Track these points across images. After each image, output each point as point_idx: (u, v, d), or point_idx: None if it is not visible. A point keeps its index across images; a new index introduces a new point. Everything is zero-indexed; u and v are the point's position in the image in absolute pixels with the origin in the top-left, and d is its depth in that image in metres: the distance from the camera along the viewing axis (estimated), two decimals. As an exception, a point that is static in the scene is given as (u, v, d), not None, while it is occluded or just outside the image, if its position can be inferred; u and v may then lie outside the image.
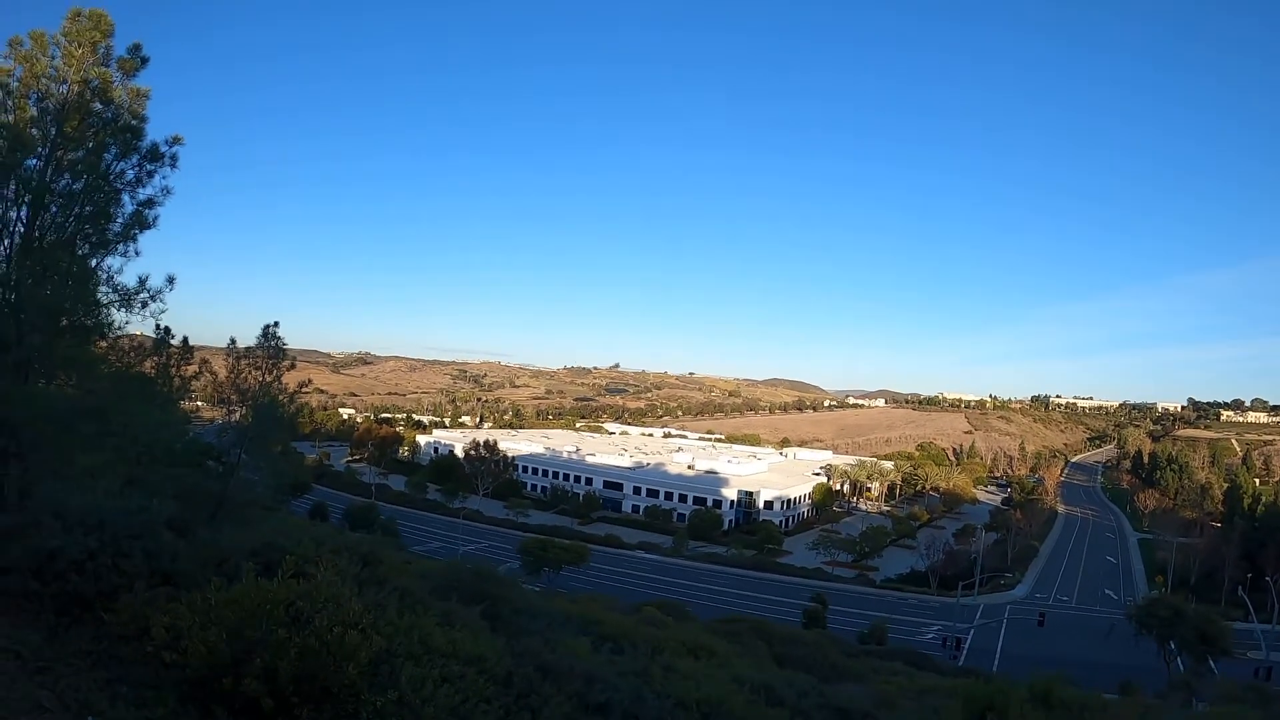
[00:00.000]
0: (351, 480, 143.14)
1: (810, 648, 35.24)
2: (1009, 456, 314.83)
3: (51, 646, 8.17)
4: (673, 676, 13.97)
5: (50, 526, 9.79)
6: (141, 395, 23.07)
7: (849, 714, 16.69)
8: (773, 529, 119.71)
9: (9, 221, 21.51)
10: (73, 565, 9.30)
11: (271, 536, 13.25)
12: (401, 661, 8.59)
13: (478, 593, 17.70)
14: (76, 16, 21.95)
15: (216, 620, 7.82)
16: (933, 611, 79.46)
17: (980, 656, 61.09)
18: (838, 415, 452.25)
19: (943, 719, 13.28)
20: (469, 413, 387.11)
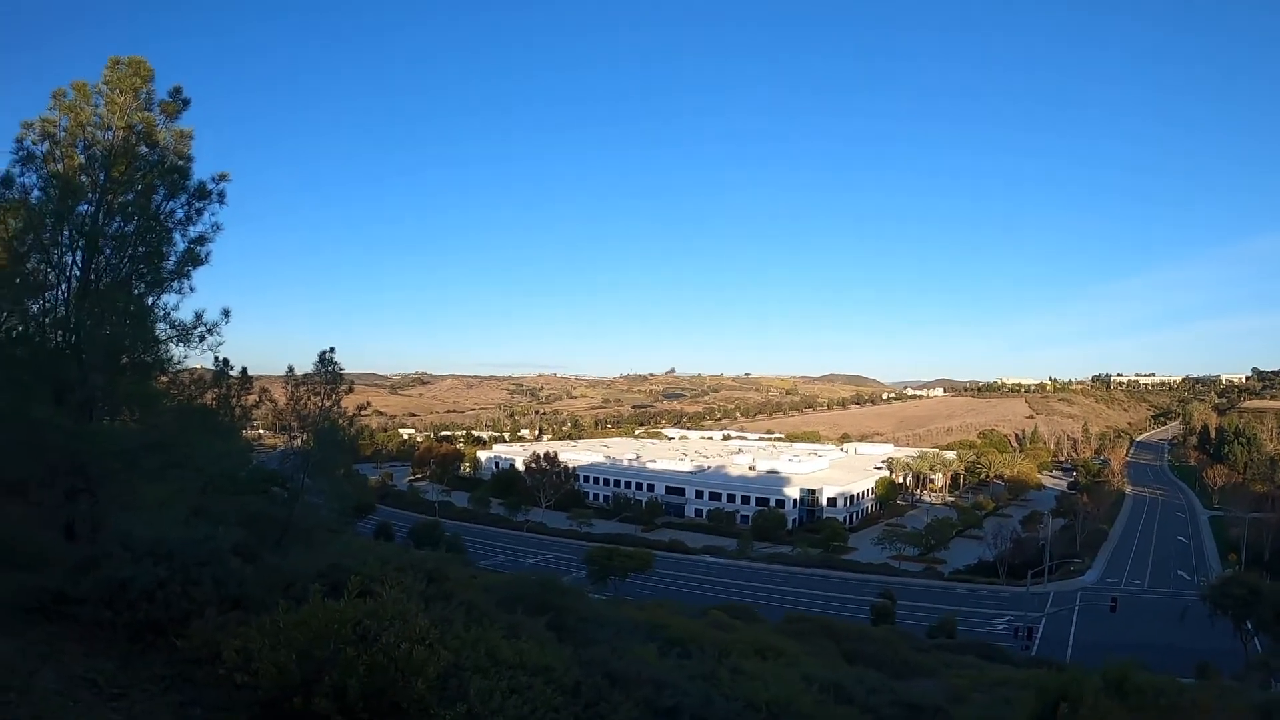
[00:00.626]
0: (415, 499, 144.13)
1: (879, 644, 34.76)
2: (1072, 439, 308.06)
3: (126, 673, 8.36)
4: (740, 678, 13.91)
5: (120, 557, 10.04)
6: (204, 427, 23.55)
7: (920, 710, 16.48)
8: (837, 526, 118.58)
9: (65, 266, 22.09)
10: (144, 594, 9.50)
11: (337, 558, 13.47)
12: (469, 674, 8.61)
13: (543, 603, 17.80)
14: (116, 65, 22.52)
15: (286, 641, 7.91)
16: (1003, 602, 77.90)
17: (1053, 646, 60.22)
18: (897, 407, 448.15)
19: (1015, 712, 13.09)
20: (527, 426, 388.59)
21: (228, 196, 23.55)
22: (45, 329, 22.29)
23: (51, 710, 6.92)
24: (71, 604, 9.49)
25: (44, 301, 22.31)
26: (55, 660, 8.16)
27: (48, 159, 21.61)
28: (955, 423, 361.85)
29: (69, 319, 21.76)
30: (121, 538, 10.70)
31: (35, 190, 21.57)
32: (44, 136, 21.65)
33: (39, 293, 22.20)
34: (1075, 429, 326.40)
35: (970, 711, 18.40)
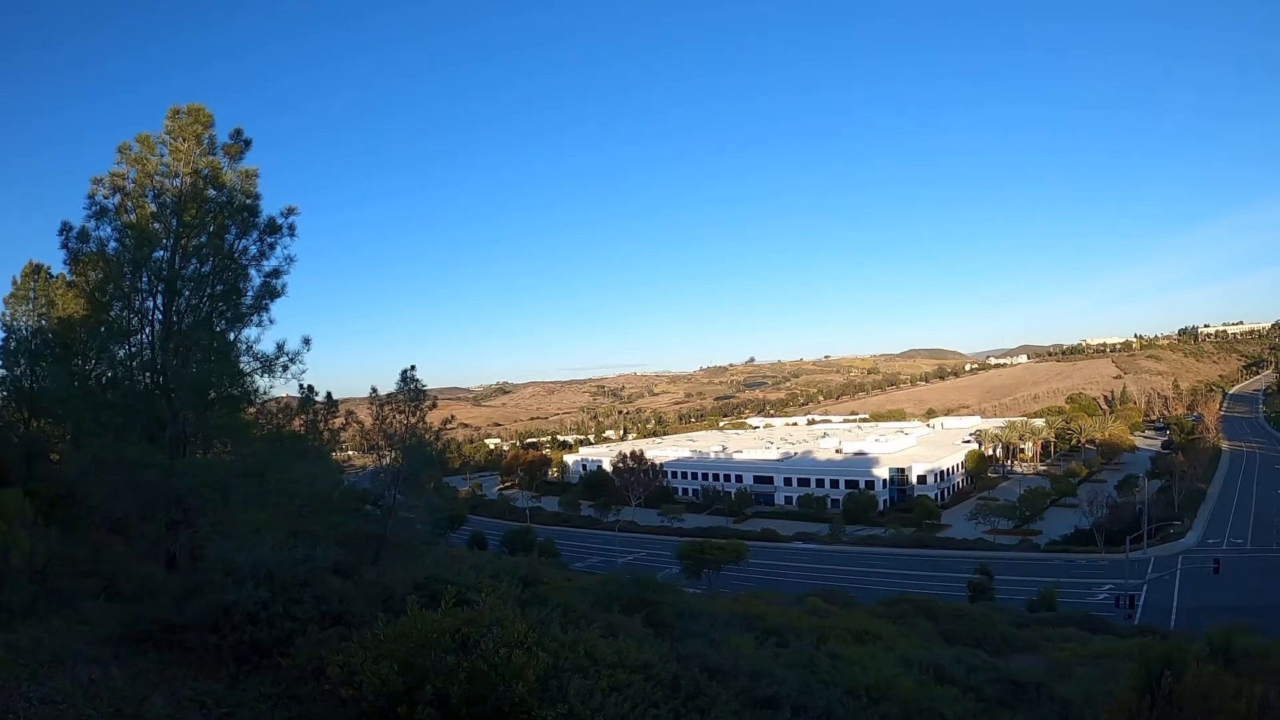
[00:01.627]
0: (505, 507, 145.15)
1: (978, 622, 34.21)
2: (1163, 397, 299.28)
3: (233, 693, 8.64)
4: (839, 664, 13.90)
5: (223, 583, 10.32)
6: (294, 452, 24.09)
7: (1023, 686, 16.23)
8: (928, 503, 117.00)
9: (147, 311, 22.76)
10: (247, 616, 9.79)
11: (433, 569, 13.64)
12: (569, 675, 8.64)
13: (638, 601, 17.85)
14: (176, 114, 23.10)
15: (387, 653, 8.08)
16: (1102, 570, 75.90)
17: (1155, 613, 58.26)
18: (981, 378, 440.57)
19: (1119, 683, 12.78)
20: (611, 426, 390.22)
21: (298, 229, 24.07)
22: (133, 372, 23.01)
23: None
24: (178, 631, 9.81)
25: (130, 346, 23.04)
26: (165, 686, 8.45)
27: (120, 210, 22.27)
28: (1041, 389, 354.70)
29: (155, 360, 22.41)
30: (223, 564, 10.98)
31: (111, 241, 22.28)
32: (114, 190, 22.32)
33: (124, 338, 22.92)
34: (1165, 386, 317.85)
35: (1074, 686, 18.07)
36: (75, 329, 25.94)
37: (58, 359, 26.79)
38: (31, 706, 7.19)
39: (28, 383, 29.34)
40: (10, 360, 29.84)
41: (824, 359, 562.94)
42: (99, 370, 24.31)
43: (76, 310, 27.92)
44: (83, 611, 11.72)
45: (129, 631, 10.11)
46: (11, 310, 31.78)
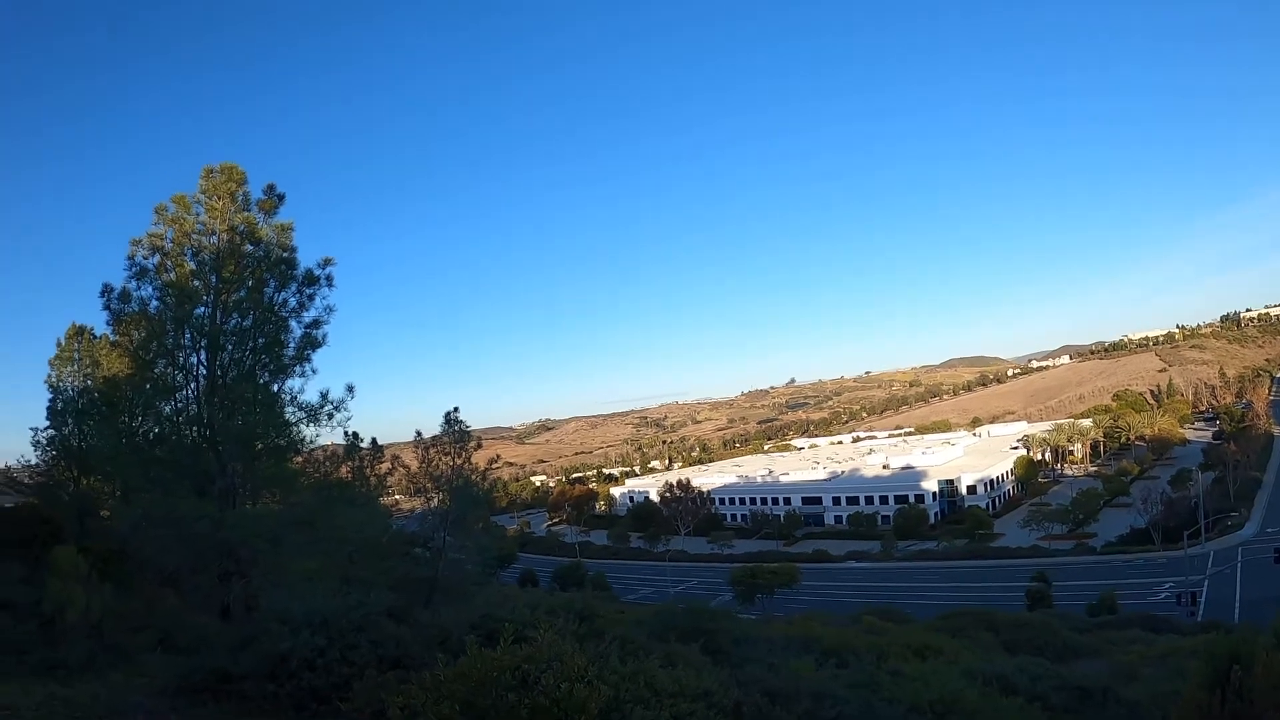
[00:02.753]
0: (554, 543, 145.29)
1: (1039, 629, 33.68)
2: (1210, 387, 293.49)
3: None
4: (901, 681, 13.74)
5: (279, 631, 10.37)
6: (342, 499, 24.21)
7: (1089, 692, 15.98)
8: (980, 513, 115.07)
9: (191, 366, 23.08)
10: (304, 663, 9.84)
11: (487, 608, 13.65)
12: (631, 707, 8.55)
13: (694, 629, 17.75)
14: (210, 174, 23.54)
15: (448, 694, 8.02)
16: (1162, 569, 73.95)
17: (1218, 608, 56.63)
18: (1024, 382, 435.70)
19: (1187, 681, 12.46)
20: (656, 457, 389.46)
21: (335, 279, 24.35)
22: (180, 427, 23.27)
23: None
24: (235, 680, 9.84)
25: (175, 402, 23.34)
26: None
27: (160, 270, 22.67)
28: (1086, 388, 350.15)
29: (201, 415, 22.67)
30: (278, 613, 11.03)
31: (153, 301, 22.67)
32: (153, 250, 22.73)
33: (169, 394, 23.21)
34: (1211, 375, 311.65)
35: (1140, 688, 17.71)
36: (120, 387, 26.34)
37: (105, 417, 27.16)
38: (91, 761, 7.15)
39: (76, 441, 29.77)
40: (58, 420, 30.30)
41: (865, 375, 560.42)
42: (146, 427, 24.60)
43: (121, 369, 28.34)
44: (139, 664, 11.79)
45: (186, 683, 10.14)
46: (57, 371, 32.26)
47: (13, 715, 8.24)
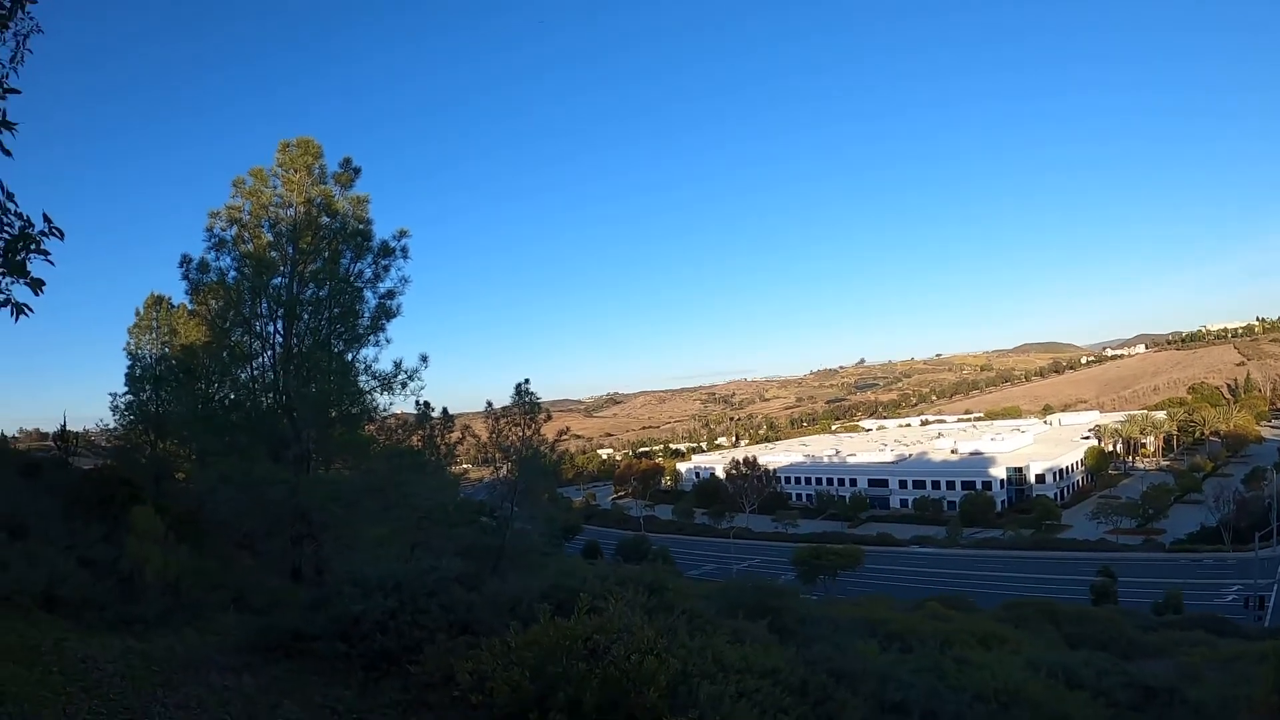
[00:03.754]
0: (619, 516, 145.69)
1: (1103, 625, 33.24)
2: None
3: (363, 700, 8.78)
4: (966, 669, 13.62)
5: (352, 593, 10.55)
6: (413, 467, 24.53)
7: (1154, 691, 15.71)
8: (1048, 503, 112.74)
9: (268, 335, 23.57)
10: (376, 626, 9.98)
11: (557, 578, 13.72)
12: (698, 681, 8.58)
13: (761, 607, 17.65)
14: (286, 147, 23.95)
15: (518, 661, 8.13)
16: (1230, 570, 71.97)
17: (1286, 614, 55.42)
18: (1097, 371, 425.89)
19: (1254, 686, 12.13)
20: (723, 433, 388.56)
21: (410, 251, 24.61)
22: (255, 394, 23.79)
23: None
24: (308, 640, 10.01)
25: (251, 369, 23.88)
26: (296, 693, 8.63)
27: (237, 241, 23.21)
28: (1161, 379, 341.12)
29: (277, 382, 23.14)
30: (351, 575, 11.17)
31: (231, 271, 23.19)
32: (231, 222, 23.26)
33: (246, 362, 23.75)
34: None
35: (1205, 690, 17.29)
36: (198, 354, 26.94)
37: (182, 383, 27.81)
38: (167, 712, 7.35)
39: (153, 407, 30.57)
40: (136, 386, 31.12)
41: (935, 357, 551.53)
42: (222, 393, 25.19)
43: (198, 337, 29.00)
44: (213, 622, 12.05)
45: (259, 641, 10.34)
46: (136, 339, 33.11)
47: (92, 667, 8.44)
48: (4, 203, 4.30)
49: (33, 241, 4.36)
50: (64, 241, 4.54)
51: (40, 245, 4.40)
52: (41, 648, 8.83)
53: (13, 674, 7.65)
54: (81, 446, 38.54)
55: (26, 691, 7.21)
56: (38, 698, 7.12)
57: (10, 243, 4.29)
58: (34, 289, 4.43)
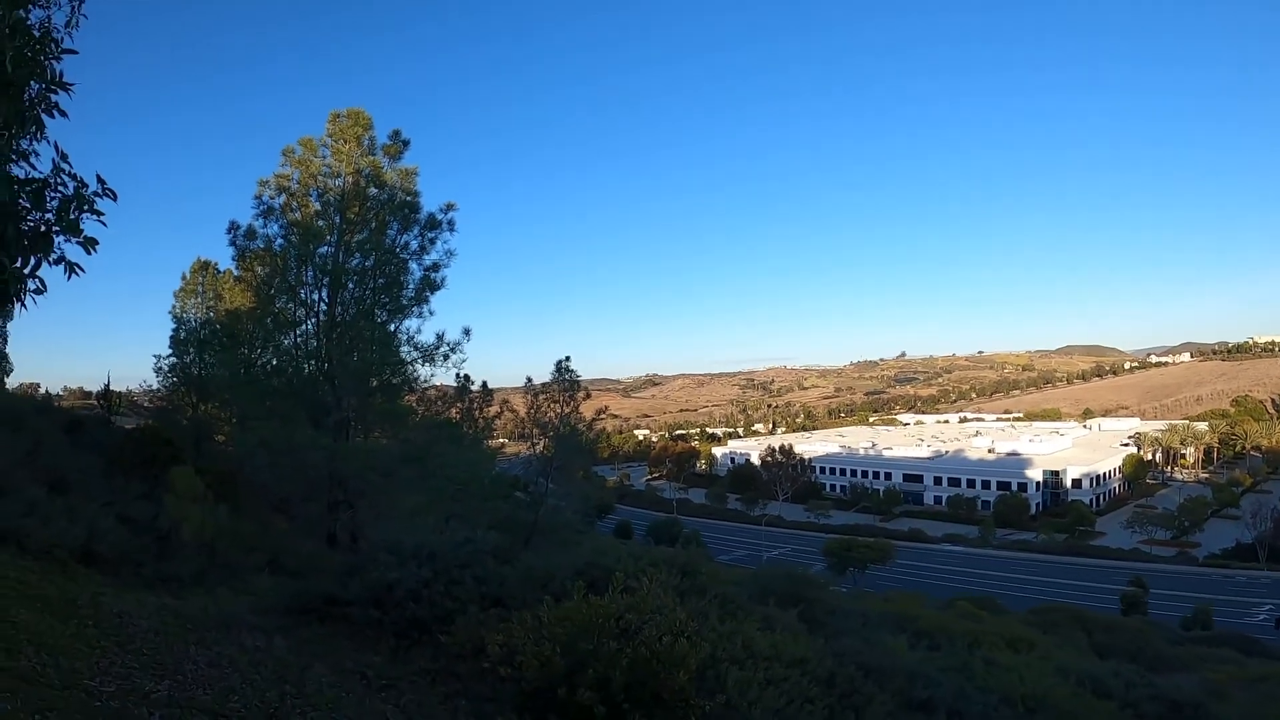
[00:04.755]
0: (652, 497, 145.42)
1: (1132, 636, 33.09)
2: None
3: (394, 667, 8.86)
4: (994, 670, 13.67)
5: (387, 561, 10.64)
6: (451, 439, 24.77)
7: (1180, 706, 15.59)
8: (1083, 509, 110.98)
9: (312, 303, 23.83)
10: (410, 594, 10.10)
11: (591, 556, 13.72)
12: (726, 666, 8.70)
13: (792, 595, 17.63)
14: (336, 118, 24.12)
15: (550, 636, 8.14)
16: (1264, 589, 70.74)
17: (1318, 638, 54.34)
18: (1140, 377, 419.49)
19: (1278, 709, 12.01)
20: (760, 420, 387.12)
21: (456, 224, 24.72)
22: (298, 360, 24.05)
23: (326, 700, 7.33)
24: (341, 605, 10.12)
25: (295, 336, 24.13)
26: (327, 656, 8.72)
27: (285, 210, 23.48)
28: (1204, 390, 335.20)
29: (320, 350, 23.38)
30: (387, 543, 11.24)
31: (278, 239, 23.42)
32: (280, 190, 23.51)
33: (290, 329, 24.01)
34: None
35: (1231, 709, 17.13)
36: (242, 320, 27.27)
37: (226, 348, 28.17)
38: (199, 669, 7.42)
39: (196, 370, 31.11)
40: (180, 349, 31.65)
41: (977, 354, 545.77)
42: (265, 358, 25.48)
43: (243, 303, 29.36)
44: (248, 583, 12.22)
45: (293, 604, 10.47)
46: (181, 303, 33.70)
47: (127, 622, 8.53)
48: (58, 163, 4.35)
49: (86, 202, 4.40)
50: (116, 203, 4.59)
51: (94, 205, 4.44)
52: (78, 601, 8.95)
53: (49, 626, 7.75)
54: (124, 406, 39.16)
55: (62, 643, 7.29)
56: (73, 650, 7.20)
57: (64, 202, 4.35)
58: (86, 248, 4.48)
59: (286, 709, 6.84)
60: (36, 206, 4.24)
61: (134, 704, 6.19)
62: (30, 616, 7.85)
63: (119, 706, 6.07)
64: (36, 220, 4.26)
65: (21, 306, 4.32)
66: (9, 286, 4.13)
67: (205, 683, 7.07)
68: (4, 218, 4.05)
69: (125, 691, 6.42)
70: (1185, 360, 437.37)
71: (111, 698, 6.21)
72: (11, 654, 6.64)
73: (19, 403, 30.25)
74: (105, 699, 6.16)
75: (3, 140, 4.10)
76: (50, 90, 4.37)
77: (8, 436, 18.44)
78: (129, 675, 6.87)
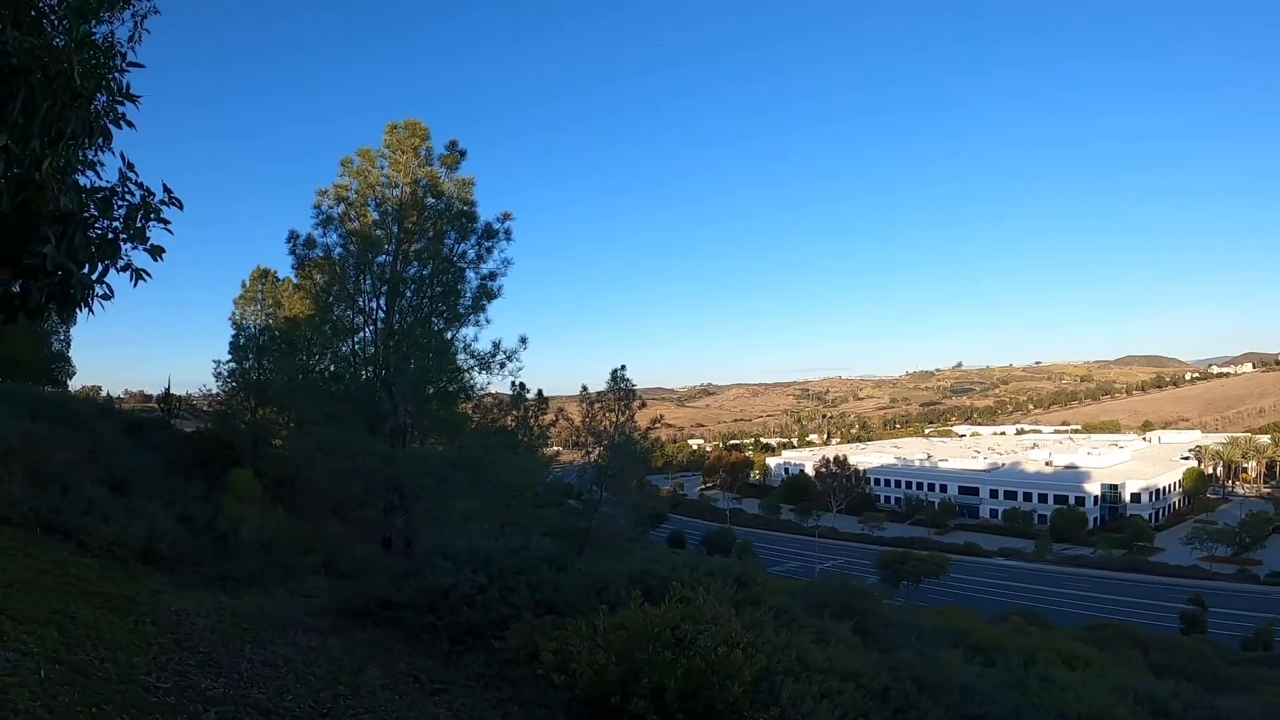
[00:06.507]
0: (706, 507, 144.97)
1: (1189, 655, 32.16)
2: None
3: (447, 671, 8.91)
4: (1050, 687, 13.55)
5: (442, 566, 10.75)
6: (506, 446, 24.92)
7: None
8: (1142, 524, 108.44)
9: (370, 311, 24.19)
10: (464, 599, 10.19)
11: (646, 564, 13.73)
12: (781, 679, 8.60)
13: (846, 608, 17.56)
14: (394, 129, 24.48)
15: (604, 644, 8.21)
16: None
17: (1379, 660, 52.59)
18: (1201, 389, 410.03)
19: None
20: (815, 430, 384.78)
21: (514, 234, 24.95)
22: (356, 367, 24.39)
23: (379, 702, 7.41)
24: (396, 609, 10.21)
25: (353, 343, 24.48)
26: (381, 659, 8.80)
27: (344, 219, 23.91)
28: (1268, 402, 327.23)
29: (377, 357, 23.69)
30: (442, 548, 11.31)
31: (336, 248, 23.87)
32: (338, 200, 23.97)
33: (348, 336, 24.37)
34: None
35: None
36: (301, 327, 27.73)
37: (284, 354, 28.65)
38: (254, 668, 7.53)
39: (255, 375, 31.64)
40: (239, 354, 32.21)
41: (1034, 365, 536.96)
42: (323, 365, 25.83)
43: (302, 310, 29.82)
44: (304, 584, 12.38)
45: (347, 606, 10.57)
46: (241, 310, 34.33)
47: (185, 620, 8.68)
48: (125, 172, 4.46)
49: (153, 210, 4.51)
50: (182, 211, 4.70)
51: (160, 214, 4.55)
52: (138, 599, 9.13)
53: (109, 622, 7.92)
54: (184, 409, 39.95)
55: (121, 639, 7.45)
56: (130, 646, 7.35)
57: (131, 210, 4.46)
58: (153, 255, 4.60)
59: (340, 709, 6.93)
60: (104, 214, 4.35)
61: (189, 700, 6.31)
62: (90, 612, 8.03)
63: (175, 702, 6.19)
64: (104, 228, 4.37)
65: (89, 311, 4.42)
66: (77, 292, 4.23)
67: (260, 681, 7.19)
68: (72, 225, 4.15)
69: (181, 688, 6.55)
70: (1247, 371, 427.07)
71: (167, 694, 6.34)
72: (71, 648, 6.81)
73: (81, 405, 30.91)
74: (161, 695, 6.28)
75: (71, 150, 4.20)
76: (117, 101, 4.48)
77: (70, 437, 18.87)
78: (185, 672, 7.01)
